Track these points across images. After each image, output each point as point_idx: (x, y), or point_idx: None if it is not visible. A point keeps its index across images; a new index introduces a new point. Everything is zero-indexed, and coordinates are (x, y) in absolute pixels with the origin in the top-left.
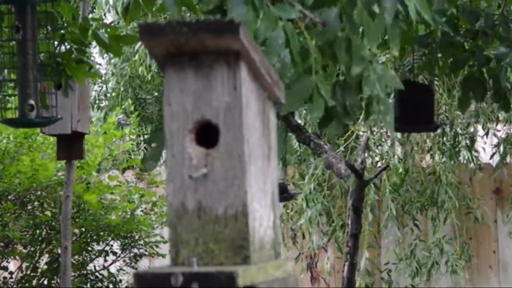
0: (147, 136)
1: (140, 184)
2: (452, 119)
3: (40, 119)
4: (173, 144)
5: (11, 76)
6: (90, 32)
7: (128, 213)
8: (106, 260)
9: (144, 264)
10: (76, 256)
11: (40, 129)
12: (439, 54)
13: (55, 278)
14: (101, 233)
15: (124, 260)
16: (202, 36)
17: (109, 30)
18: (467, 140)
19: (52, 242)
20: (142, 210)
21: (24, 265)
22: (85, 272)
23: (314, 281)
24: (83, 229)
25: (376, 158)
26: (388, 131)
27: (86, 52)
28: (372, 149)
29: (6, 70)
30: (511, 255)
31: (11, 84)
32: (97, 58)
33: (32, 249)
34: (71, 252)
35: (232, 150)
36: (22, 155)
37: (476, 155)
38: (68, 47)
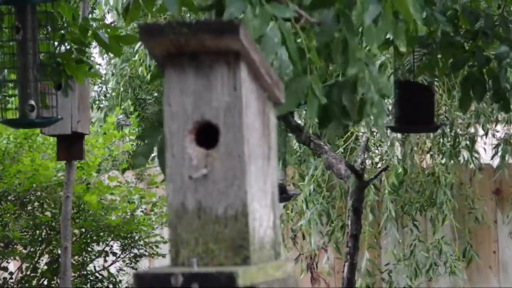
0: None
1: (140, 184)
2: (452, 119)
3: (41, 119)
4: (173, 144)
5: (11, 76)
6: (90, 32)
7: (128, 213)
8: (106, 261)
9: (144, 265)
10: (76, 257)
11: (40, 129)
12: (439, 56)
13: (55, 278)
14: (101, 233)
15: (124, 261)
16: (202, 37)
17: (109, 30)
18: (467, 141)
19: (52, 242)
20: (142, 211)
21: (24, 265)
22: (85, 272)
23: (314, 281)
24: (83, 229)
25: (376, 159)
26: (388, 132)
27: (86, 52)
28: (371, 150)
29: (6, 70)
30: (511, 256)
31: (11, 85)
32: (97, 59)
33: (32, 249)
34: (71, 253)
35: (232, 150)
36: (22, 156)
37: (476, 156)
38: (68, 47)
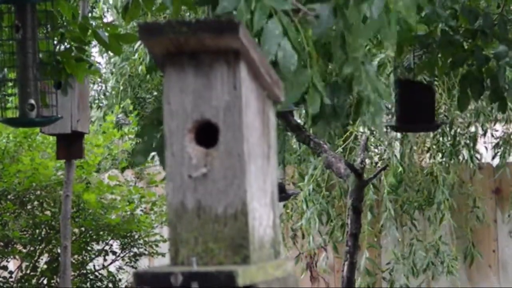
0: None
1: (140, 183)
2: (452, 119)
3: (40, 118)
4: (172, 143)
5: (11, 75)
6: (90, 31)
7: (128, 212)
8: (105, 260)
9: (143, 264)
10: (76, 256)
11: (40, 128)
12: (439, 55)
13: (55, 277)
14: (100, 232)
15: (123, 260)
16: (201, 36)
17: (109, 29)
18: (467, 140)
19: (52, 241)
20: (142, 210)
21: (24, 264)
22: (84, 271)
23: (314, 280)
24: (83, 228)
25: (375, 159)
26: (388, 131)
27: (86, 51)
28: (371, 149)
29: (6, 69)
30: (511, 255)
31: (11, 83)
32: (97, 58)
33: (32, 248)
34: (70, 252)
35: (231, 149)
36: (22, 155)
37: (477, 155)
38: (68, 46)
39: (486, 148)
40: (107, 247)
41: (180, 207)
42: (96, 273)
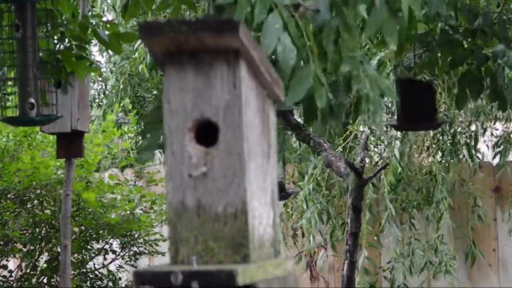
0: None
1: (139, 182)
2: (453, 117)
3: (40, 117)
4: (172, 142)
5: (11, 74)
6: (90, 29)
7: (128, 211)
8: (105, 259)
9: (143, 263)
10: (76, 255)
11: (40, 127)
12: (438, 54)
13: (55, 276)
14: (100, 231)
15: (123, 258)
16: (201, 35)
17: (108, 27)
18: (468, 139)
19: (52, 240)
20: (141, 209)
21: (24, 263)
22: (84, 270)
23: (313, 279)
24: (83, 227)
25: (375, 158)
26: (388, 130)
27: (86, 49)
28: (370, 148)
29: (6, 68)
30: (511, 254)
31: (11, 82)
32: (97, 57)
33: (32, 247)
34: (70, 251)
35: (231, 148)
36: (22, 154)
37: (478, 154)
38: (68, 44)
39: (487, 146)
40: (107, 246)
41: (180, 206)
42: (96, 272)
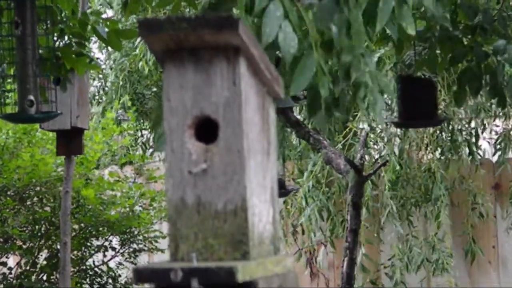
0: (145, 130)
1: (139, 179)
2: (452, 114)
3: (40, 114)
4: (172, 139)
5: (10, 71)
6: (89, 26)
7: (127, 208)
8: (105, 256)
9: (143, 259)
10: (75, 252)
11: (39, 124)
12: (438, 51)
13: (54, 273)
14: (100, 228)
15: (123, 255)
16: (201, 32)
17: (108, 24)
18: (467, 136)
19: (51, 237)
20: (141, 206)
21: (23, 260)
22: (84, 267)
23: (313, 276)
24: (82, 224)
25: (375, 155)
26: (388, 126)
27: (86, 46)
28: (370, 145)
29: (5, 65)
30: (511, 251)
31: (10, 80)
32: (96, 54)
33: (31, 244)
34: (70, 248)
35: (231, 145)
36: (22, 151)
37: (479, 151)
38: (67, 41)
39: (488, 142)
40: (106, 243)
41: (180, 203)
42: (96, 269)
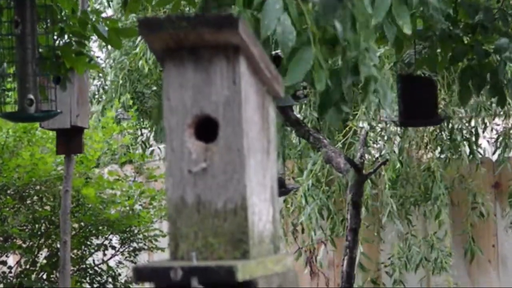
0: (145, 129)
1: (139, 178)
2: (452, 113)
3: (40, 113)
4: (172, 138)
5: (10, 70)
6: (89, 25)
7: (127, 207)
8: (105, 254)
9: (143, 258)
10: (75, 251)
11: (39, 123)
12: (438, 50)
13: (54, 272)
14: (100, 227)
15: (123, 254)
16: (201, 31)
17: (108, 23)
18: (468, 135)
19: (51, 236)
20: (141, 204)
21: (23, 259)
22: (84, 266)
23: (313, 275)
24: (82, 223)
25: (375, 153)
26: (388, 125)
27: (86, 45)
28: (370, 144)
29: (5, 64)
30: (510, 249)
31: (10, 78)
32: (96, 52)
33: (31, 243)
34: (70, 247)
35: (231, 144)
36: (21, 150)
37: (479, 150)
38: (67, 40)
39: (488, 141)
40: (106, 242)
41: (180, 202)
42: (96, 267)
